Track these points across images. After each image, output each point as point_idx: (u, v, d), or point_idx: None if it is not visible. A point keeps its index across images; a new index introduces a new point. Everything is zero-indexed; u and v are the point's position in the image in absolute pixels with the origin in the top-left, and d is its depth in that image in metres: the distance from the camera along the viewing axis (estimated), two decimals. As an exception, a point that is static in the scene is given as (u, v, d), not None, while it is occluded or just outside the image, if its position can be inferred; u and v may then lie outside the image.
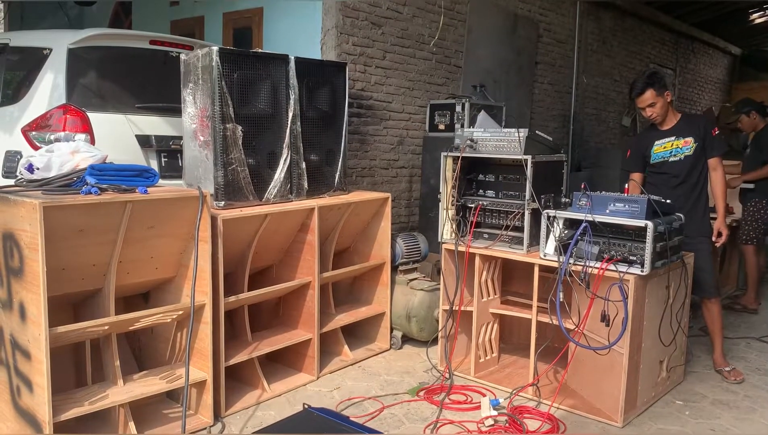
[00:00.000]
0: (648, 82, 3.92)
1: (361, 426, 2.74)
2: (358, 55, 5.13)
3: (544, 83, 7.61)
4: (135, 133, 4.13)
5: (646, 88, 3.92)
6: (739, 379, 3.97)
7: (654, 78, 3.96)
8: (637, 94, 3.96)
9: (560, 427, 3.29)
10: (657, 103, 3.92)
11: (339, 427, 2.63)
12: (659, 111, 3.95)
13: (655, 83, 3.91)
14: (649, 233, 3.16)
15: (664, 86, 3.96)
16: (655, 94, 3.91)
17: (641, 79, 3.99)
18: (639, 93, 3.94)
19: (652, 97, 3.92)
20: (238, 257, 3.54)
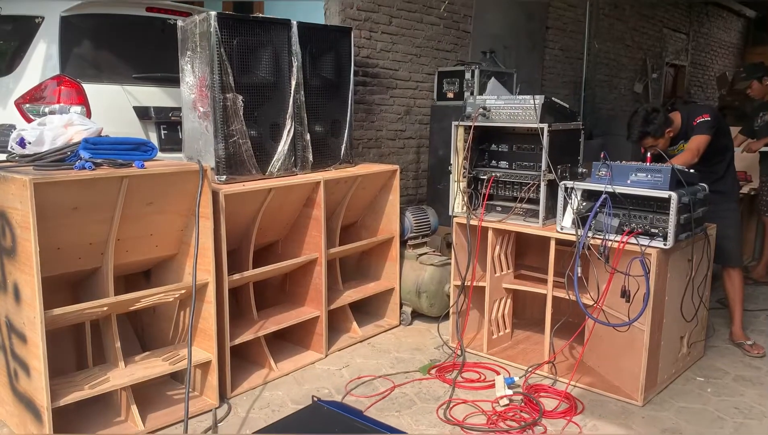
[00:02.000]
0: (643, 132, 3.65)
1: (375, 422, 2.58)
2: (363, 20, 4.93)
3: (554, 49, 7.38)
4: (133, 105, 3.97)
5: (643, 138, 3.67)
6: (761, 353, 3.85)
7: (649, 126, 3.64)
8: (635, 141, 3.70)
9: (578, 407, 3.18)
10: (658, 144, 3.68)
11: (352, 424, 2.46)
12: (663, 146, 3.70)
13: (650, 132, 3.64)
14: (673, 205, 3.00)
15: (662, 127, 3.65)
16: (653, 139, 3.67)
17: (636, 126, 3.67)
18: (636, 140, 3.68)
19: (651, 142, 3.67)
20: (241, 233, 3.41)
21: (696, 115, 3.68)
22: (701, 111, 3.72)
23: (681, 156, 3.61)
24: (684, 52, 10.44)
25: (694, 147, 3.60)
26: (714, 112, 3.75)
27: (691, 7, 10.37)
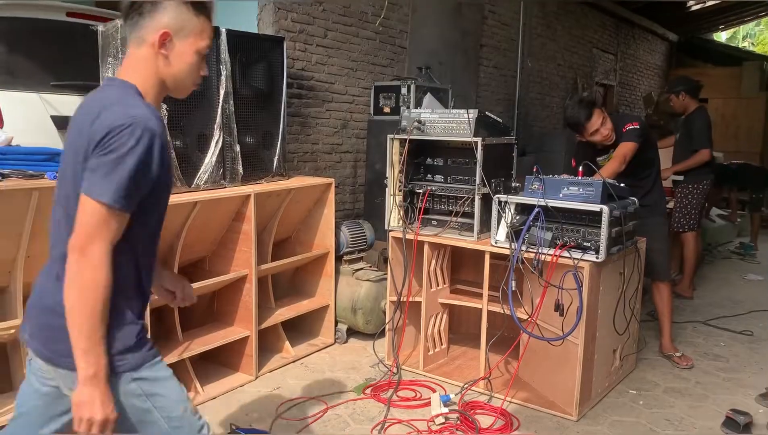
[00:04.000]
0: (590, 103, 3.70)
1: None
2: (297, 32, 4.84)
3: (489, 66, 7.47)
4: (50, 114, 3.74)
5: (593, 110, 3.68)
6: (689, 364, 3.93)
7: (590, 100, 3.72)
8: (587, 117, 3.68)
9: (514, 423, 3.14)
10: (606, 120, 3.73)
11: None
12: (610, 127, 3.73)
13: (594, 103, 3.70)
14: (605, 218, 3.02)
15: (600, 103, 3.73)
16: (600, 111, 3.71)
17: (580, 105, 3.70)
18: (588, 116, 3.67)
19: (599, 116, 3.70)
20: (165, 249, 3.23)
21: (625, 122, 3.74)
22: (630, 119, 3.79)
23: (609, 164, 3.66)
24: (612, 72, 10.80)
25: (621, 154, 3.65)
26: (642, 121, 3.83)
27: (618, 28, 10.75)
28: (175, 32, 1.59)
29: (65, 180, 1.57)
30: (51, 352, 1.57)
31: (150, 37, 1.58)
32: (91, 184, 1.46)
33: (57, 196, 1.62)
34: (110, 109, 1.50)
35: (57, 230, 1.58)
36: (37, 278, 1.67)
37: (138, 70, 1.60)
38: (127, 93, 1.57)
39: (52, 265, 1.59)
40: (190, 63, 1.64)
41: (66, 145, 1.62)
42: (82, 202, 1.47)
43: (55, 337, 1.53)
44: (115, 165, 1.45)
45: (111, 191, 1.45)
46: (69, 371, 1.52)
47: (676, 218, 5.43)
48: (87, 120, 1.51)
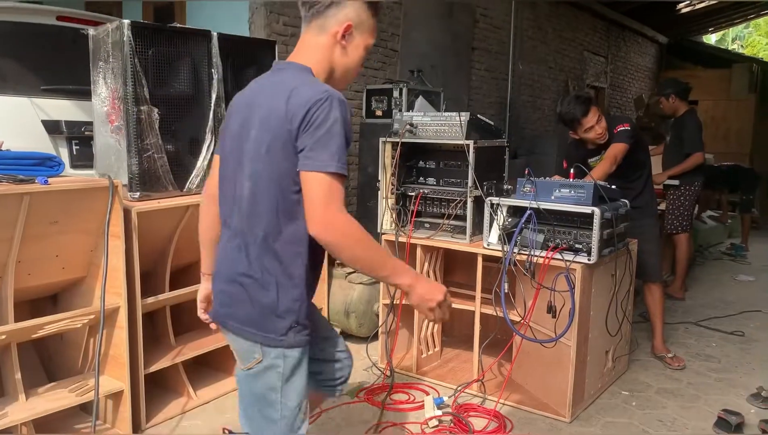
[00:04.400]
0: (587, 99, 3.71)
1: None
2: (289, 35, 4.84)
3: (480, 69, 7.50)
4: (41, 119, 3.73)
5: (590, 107, 3.68)
6: (681, 365, 3.95)
7: (587, 96, 3.74)
8: (584, 114, 3.68)
9: (507, 425, 3.15)
10: (601, 118, 3.74)
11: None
12: (604, 126, 3.74)
13: (591, 100, 3.71)
14: (596, 220, 3.04)
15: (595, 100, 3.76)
16: (596, 109, 3.73)
17: (577, 101, 3.71)
18: (585, 112, 3.68)
19: (595, 114, 3.71)
20: (157, 254, 3.23)
21: (617, 123, 3.76)
22: (621, 120, 3.80)
23: (600, 166, 3.68)
24: (603, 74, 10.85)
25: (611, 155, 3.67)
26: (633, 123, 3.85)
27: (609, 31, 10.81)
28: (355, 26, 1.73)
29: (254, 158, 1.67)
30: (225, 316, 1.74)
31: (333, 27, 1.72)
32: (313, 159, 1.57)
33: (240, 174, 1.71)
34: (300, 88, 1.62)
35: (251, 206, 1.68)
36: (220, 252, 1.81)
37: (314, 55, 1.73)
38: (307, 74, 1.71)
39: (235, 237, 1.72)
40: (360, 56, 1.79)
41: (242, 127, 1.73)
42: (309, 180, 1.57)
43: (236, 305, 1.69)
44: (328, 137, 1.56)
45: (333, 160, 1.56)
46: (245, 340, 1.69)
47: (669, 220, 5.45)
48: (276, 102, 1.63)
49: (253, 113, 1.71)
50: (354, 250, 1.58)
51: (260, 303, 1.67)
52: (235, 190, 1.74)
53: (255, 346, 1.69)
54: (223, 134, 1.86)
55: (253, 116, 1.70)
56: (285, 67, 1.76)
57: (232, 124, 1.79)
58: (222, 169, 1.83)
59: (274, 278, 1.66)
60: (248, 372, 1.73)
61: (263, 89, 1.74)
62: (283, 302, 1.67)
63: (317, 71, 1.73)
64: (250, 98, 1.75)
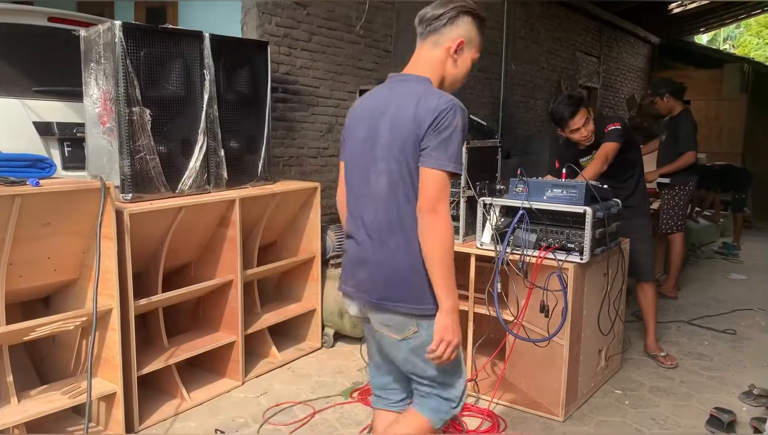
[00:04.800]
0: (578, 100, 3.72)
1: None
2: (282, 36, 4.83)
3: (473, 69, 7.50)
4: (33, 120, 3.71)
5: (578, 107, 3.70)
6: (673, 363, 3.97)
7: (579, 97, 3.76)
8: (571, 115, 3.70)
9: (500, 425, 3.16)
10: (589, 122, 3.75)
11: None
12: (591, 129, 3.76)
13: (582, 101, 3.73)
14: (588, 219, 3.05)
15: (587, 100, 3.76)
16: (585, 111, 3.75)
17: (569, 101, 3.73)
18: (572, 114, 3.70)
19: (583, 116, 3.73)
20: (149, 255, 3.22)
21: (607, 123, 3.78)
22: (612, 120, 3.82)
23: (591, 165, 3.69)
24: (596, 74, 10.88)
25: (603, 154, 3.69)
26: (624, 122, 3.86)
27: (601, 31, 10.84)
28: (466, 42, 1.99)
29: (388, 158, 1.92)
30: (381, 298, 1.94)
31: (447, 43, 1.97)
32: (435, 158, 1.83)
33: (374, 172, 1.95)
34: (427, 97, 1.88)
35: (389, 200, 1.92)
36: (351, 245, 2.04)
37: (431, 68, 1.99)
38: (429, 84, 1.96)
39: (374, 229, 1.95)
40: (467, 68, 2.04)
41: (370, 132, 1.97)
42: (428, 174, 1.84)
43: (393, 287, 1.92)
44: (450, 140, 1.83)
45: (451, 161, 1.84)
46: (401, 316, 1.92)
47: (664, 220, 5.48)
48: (405, 109, 1.88)
49: (381, 120, 1.95)
50: (441, 243, 1.83)
51: (410, 283, 1.91)
52: (369, 187, 1.97)
53: (411, 319, 1.92)
54: (347, 142, 2.09)
55: (382, 122, 1.95)
56: (406, 78, 2.00)
57: (359, 131, 2.03)
58: (349, 172, 2.08)
59: (419, 261, 1.88)
60: (403, 341, 1.96)
61: (390, 98, 1.97)
62: (426, 281, 1.89)
63: (434, 81, 1.97)
64: (376, 107, 1.99)
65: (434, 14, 1.99)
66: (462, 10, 1.99)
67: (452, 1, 2.00)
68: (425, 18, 2.01)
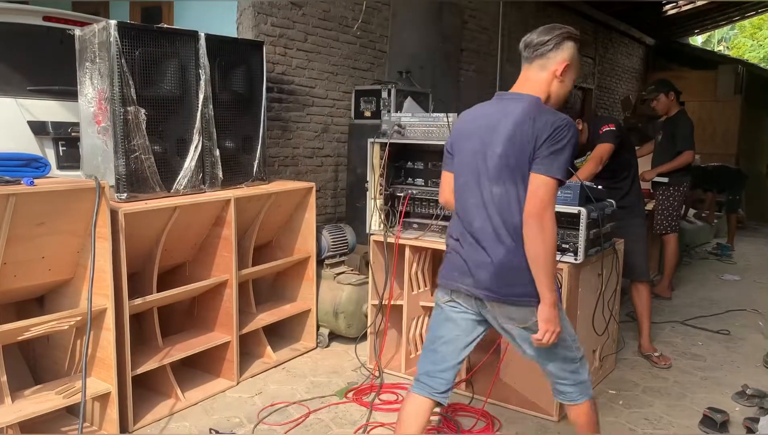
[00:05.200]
0: None
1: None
2: (277, 36, 4.84)
3: (469, 71, 7.52)
4: (27, 120, 3.70)
5: None
6: (667, 364, 3.98)
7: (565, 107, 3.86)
8: None
9: (495, 424, 3.16)
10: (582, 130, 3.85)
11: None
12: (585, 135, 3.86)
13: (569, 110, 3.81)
14: (583, 220, 3.06)
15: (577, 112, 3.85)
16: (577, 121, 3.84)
17: None
18: None
19: None
20: (144, 255, 3.22)
21: (602, 124, 3.80)
22: (606, 121, 3.84)
23: (586, 166, 3.71)
24: (591, 75, 10.92)
25: (597, 155, 3.70)
26: (618, 123, 3.88)
27: (596, 33, 10.87)
28: (570, 64, 2.20)
29: (503, 168, 2.13)
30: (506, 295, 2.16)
31: (553, 66, 2.19)
32: (547, 167, 2.05)
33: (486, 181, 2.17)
34: (543, 114, 2.10)
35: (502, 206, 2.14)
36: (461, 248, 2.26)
37: (539, 88, 2.20)
38: (541, 103, 2.18)
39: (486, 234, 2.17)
40: (569, 87, 2.26)
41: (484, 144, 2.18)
42: (537, 179, 2.06)
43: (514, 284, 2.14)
44: (561, 152, 2.05)
45: (560, 170, 2.05)
46: (523, 307, 2.14)
47: (659, 221, 5.49)
48: (522, 124, 2.09)
49: (495, 134, 2.16)
50: (546, 245, 2.04)
51: (527, 279, 2.11)
52: (481, 195, 2.18)
53: (532, 310, 2.14)
54: (456, 154, 2.30)
55: (496, 136, 2.15)
56: (518, 97, 2.20)
57: (469, 144, 2.24)
58: (459, 182, 2.29)
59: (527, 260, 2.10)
60: (526, 328, 2.18)
61: (502, 114, 2.17)
62: None
63: (542, 99, 2.19)
64: (487, 122, 2.20)
65: (541, 40, 2.19)
66: (566, 36, 2.20)
67: (557, 28, 2.22)
68: (532, 44, 2.21)
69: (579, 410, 2.32)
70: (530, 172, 2.07)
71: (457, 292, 2.29)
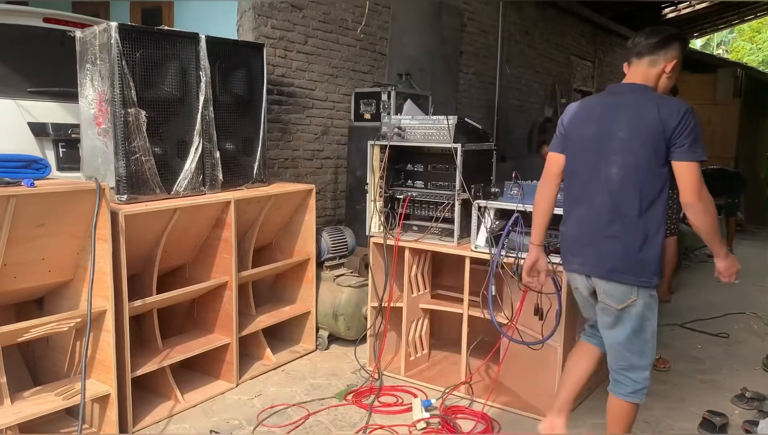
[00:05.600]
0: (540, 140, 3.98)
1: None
2: (278, 38, 4.84)
3: (468, 73, 7.53)
4: (27, 121, 3.70)
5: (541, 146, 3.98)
6: (666, 366, 3.98)
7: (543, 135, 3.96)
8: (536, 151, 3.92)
9: (494, 427, 3.17)
10: None
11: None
12: None
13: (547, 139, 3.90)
14: (583, 223, 3.05)
15: None
16: None
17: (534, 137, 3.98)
18: (537, 150, 3.94)
19: None
20: (144, 257, 3.22)
21: None
22: None
23: None
24: (590, 78, 10.93)
25: None
26: None
27: (595, 36, 10.89)
28: (677, 63, 2.48)
29: (624, 152, 2.41)
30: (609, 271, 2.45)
31: (662, 63, 2.47)
32: (691, 152, 2.33)
33: (605, 164, 2.44)
34: (665, 102, 2.38)
35: (621, 186, 2.41)
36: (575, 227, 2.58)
37: (650, 81, 2.48)
38: (657, 92, 2.48)
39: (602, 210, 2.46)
40: (673, 82, 2.54)
41: (603, 130, 2.47)
42: (685, 166, 2.35)
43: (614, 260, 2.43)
44: (697, 136, 2.33)
45: (701, 152, 2.34)
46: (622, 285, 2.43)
47: None
48: (645, 111, 2.37)
49: (615, 121, 2.44)
50: (709, 215, 2.37)
51: (635, 257, 2.40)
52: (599, 175, 2.46)
53: (632, 289, 2.41)
54: (572, 140, 2.58)
55: (616, 122, 2.43)
56: (634, 88, 2.48)
57: (587, 130, 2.52)
58: (572, 162, 2.58)
59: (642, 239, 2.40)
60: (624, 309, 2.45)
61: (621, 104, 2.46)
62: (651, 256, 2.41)
63: None
64: (606, 111, 2.49)
65: (652, 40, 2.46)
66: (674, 37, 2.48)
67: (665, 30, 2.50)
68: (642, 43, 2.48)
69: (623, 406, 2.60)
70: (673, 159, 2.35)
71: (576, 273, 2.61)
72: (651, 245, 2.41)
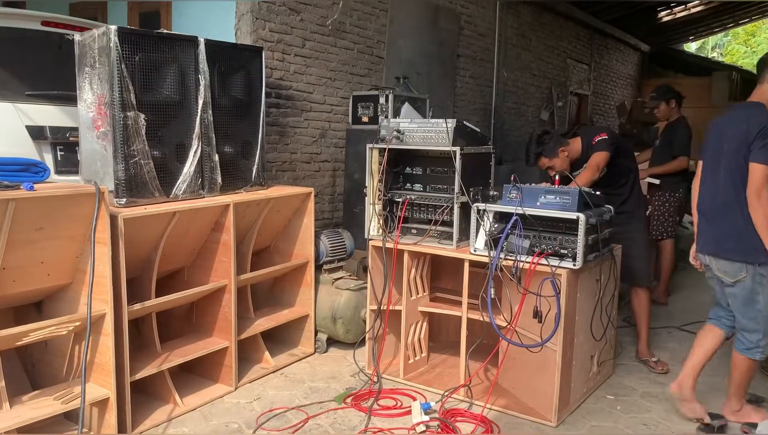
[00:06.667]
0: (537, 154, 3.89)
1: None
2: (275, 42, 4.84)
3: (465, 76, 7.54)
4: (26, 124, 3.69)
5: (538, 158, 3.90)
6: (665, 369, 3.99)
7: (541, 147, 3.88)
8: (532, 164, 3.96)
9: (494, 430, 3.17)
10: (554, 164, 3.87)
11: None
12: (561, 166, 3.87)
13: (543, 153, 3.87)
14: (581, 226, 3.07)
15: (554, 147, 3.85)
16: (548, 159, 3.87)
17: (531, 150, 3.93)
18: (534, 162, 3.93)
19: (547, 162, 3.89)
20: (143, 260, 3.21)
21: (594, 134, 3.83)
22: (599, 131, 3.88)
23: (583, 173, 3.74)
24: (587, 81, 10.97)
25: (594, 163, 3.73)
26: (611, 131, 3.92)
27: (592, 39, 10.93)
28: None
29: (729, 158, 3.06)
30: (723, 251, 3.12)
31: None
32: (762, 154, 2.89)
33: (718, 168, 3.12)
34: (756, 116, 2.97)
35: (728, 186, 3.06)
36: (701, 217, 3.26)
37: (763, 98, 3.08)
38: (760, 108, 3.04)
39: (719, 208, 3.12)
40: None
41: (719, 140, 3.15)
42: (755, 167, 2.91)
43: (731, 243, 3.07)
44: None
45: None
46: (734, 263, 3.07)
47: (654, 226, 5.51)
48: (740, 125, 3.01)
49: (725, 133, 3.10)
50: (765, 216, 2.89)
51: (744, 241, 3.00)
52: (715, 179, 3.13)
53: (742, 266, 3.03)
54: (706, 150, 3.25)
55: (726, 134, 3.10)
56: (746, 105, 3.15)
57: (714, 140, 3.20)
58: (705, 168, 3.25)
59: (746, 226, 2.97)
60: (737, 283, 3.09)
61: (732, 118, 3.11)
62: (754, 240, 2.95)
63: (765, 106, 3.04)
64: (723, 124, 3.16)
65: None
66: None
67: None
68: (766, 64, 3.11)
69: (740, 359, 3.16)
70: (749, 161, 2.90)
71: (702, 253, 3.23)
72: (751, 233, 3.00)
